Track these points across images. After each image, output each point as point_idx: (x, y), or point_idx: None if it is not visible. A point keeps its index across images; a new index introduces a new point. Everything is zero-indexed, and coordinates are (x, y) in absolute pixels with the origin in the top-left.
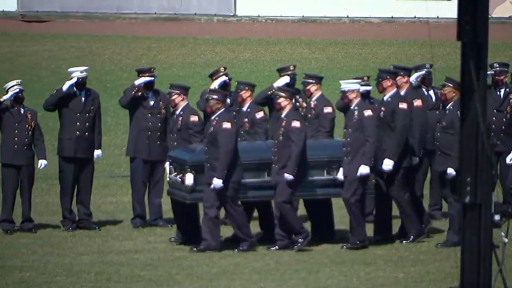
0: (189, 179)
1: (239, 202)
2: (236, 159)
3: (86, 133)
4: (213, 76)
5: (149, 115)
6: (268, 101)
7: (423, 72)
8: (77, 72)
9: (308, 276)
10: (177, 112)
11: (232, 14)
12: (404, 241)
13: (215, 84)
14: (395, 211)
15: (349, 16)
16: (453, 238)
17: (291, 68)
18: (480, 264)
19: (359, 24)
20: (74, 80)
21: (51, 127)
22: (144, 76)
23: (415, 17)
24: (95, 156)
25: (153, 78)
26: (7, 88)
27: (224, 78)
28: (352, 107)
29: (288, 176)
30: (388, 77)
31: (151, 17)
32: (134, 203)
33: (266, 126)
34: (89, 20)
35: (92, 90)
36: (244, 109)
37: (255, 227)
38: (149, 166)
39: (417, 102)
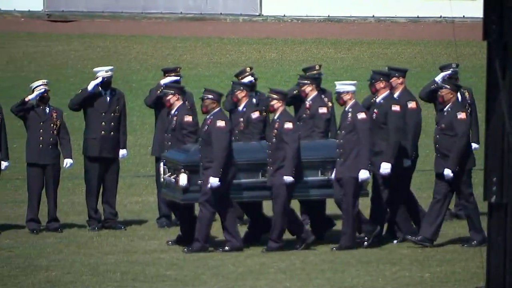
0: (183, 179)
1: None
2: (230, 159)
3: (111, 132)
4: (239, 75)
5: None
6: (294, 100)
7: (449, 71)
8: (102, 72)
9: (334, 276)
10: (172, 112)
11: (258, 14)
12: (395, 241)
13: None
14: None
15: (375, 15)
16: (477, 237)
17: (317, 67)
18: (506, 264)
19: (385, 23)
20: (99, 79)
21: (77, 127)
22: (170, 76)
23: (441, 16)
24: (120, 155)
25: (178, 77)
26: (32, 88)
27: (250, 78)
28: (346, 109)
29: (288, 178)
30: (381, 78)
31: (177, 17)
32: (159, 202)
33: (261, 127)
34: (115, 20)
35: (117, 89)
36: (240, 109)
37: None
38: None
39: (412, 104)
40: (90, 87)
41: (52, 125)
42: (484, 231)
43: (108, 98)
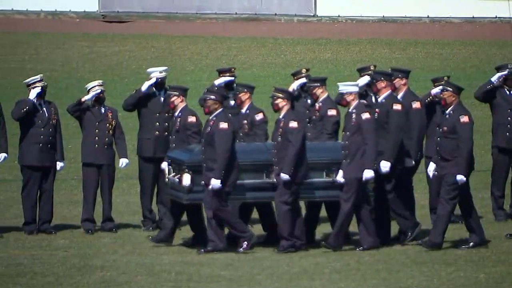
0: (187, 179)
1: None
2: (233, 160)
3: (165, 133)
4: (295, 75)
5: (229, 114)
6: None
7: (505, 72)
8: (156, 72)
9: (389, 276)
10: (176, 114)
11: (312, 15)
12: (404, 240)
13: (294, 85)
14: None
15: (429, 16)
16: (475, 238)
17: (372, 68)
18: None
19: (440, 24)
20: (153, 80)
21: (131, 127)
22: (225, 76)
23: (496, 16)
24: None
25: (233, 78)
26: (88, 89)
27: (303, 80)
28: (350, 110)
29: (284, 176)
30: (382, 78)
31: (231, 17)
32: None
33: (265, 128)
34: (170, 21)
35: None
36: (243, 111)
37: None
38: None
39: (416, 105)
40: (144, 87)
41: (107, 125)
42: (483, 233)
43: (162, 99)
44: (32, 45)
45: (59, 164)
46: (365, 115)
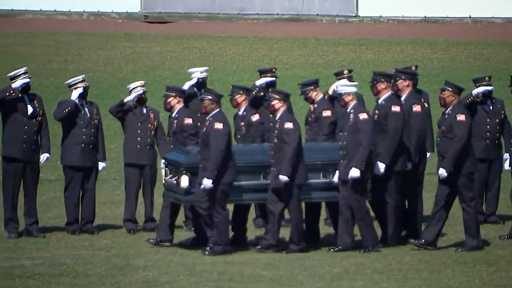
0: (184, 181)
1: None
2: (228, 161)
3: None
4: (338, 75)
5: (271, 115)
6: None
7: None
8: (197, 73)
9: (430, 277)
10: (173, 115)
11: (354, 15)
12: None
13: (334, 86)
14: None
15: (471, 16)
16: (471, 242)
17: (413, 68)
18: None
19: (482, 24)
20: (194, 80)
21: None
22: (266, 77)
23: None
24: None
25: (274, 78)
26: (130, 89)
27: (346, 81)
28: (348, 110)
29: (283, 178)
30: (382, 80)
31: (273, 18)
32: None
33: (262, 129)
34: (212, 21)
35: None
36: (240, 112)
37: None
38: None
39: (416, 108)
40: (185, 87)
41: (149, 125)
42: (480, 238)
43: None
44: (74, 46)
45: (101, 164)
46: (363, 115)
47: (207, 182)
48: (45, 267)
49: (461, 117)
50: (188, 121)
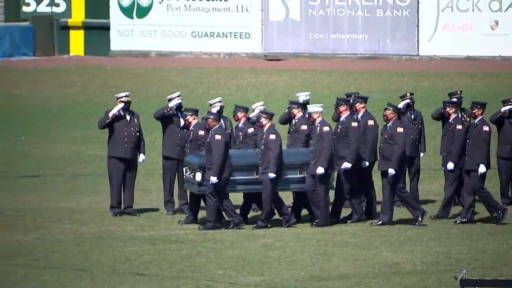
0: (198, 176)
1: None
2: (225, 162)
3: None
4: (402, 97)
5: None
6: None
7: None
8: (303, 96)
9: (471, 243)
10: (190, 128)
11: (416, 54)
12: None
13: (401, 104)
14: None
15: (501, 55)
16: (384, 218)
17: (458, 92)
18: None
19: (509, 61)
20: (301, 100)
21: None
22: (350, 98)
23: None
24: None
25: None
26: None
27: (408, 101)
28: (316, 124)
29: (271, 175)
30: (343, 103)
31: (357, 56)
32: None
33: (255, 139)
34: (313, 59)
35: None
36: (240, 125)
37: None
38: None
39: (370, 122)
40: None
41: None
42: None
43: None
44: (214, 76)
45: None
46: (326, 128)
47: (213, 179)
48: (193, 235)
49: (400, 130)
50: (201, 132)
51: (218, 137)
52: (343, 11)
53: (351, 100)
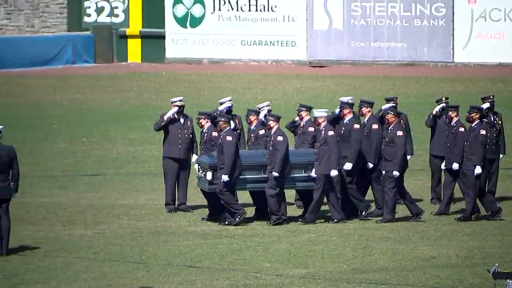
0: (209, 175)
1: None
2: (236, 161)
3: None
4: (438, 101)
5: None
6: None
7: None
8: (346, 98)
9: (503, 238)
10: (204, 131)
11: (451, 61)
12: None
13: (437, 108)
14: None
15: None
16: (388, 216)
17: (491, 97)
18: None
19: None
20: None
21: None
22: (389, 103)
23: None
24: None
25: (395, 104)
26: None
27: (443, 104)
28: (320, 128)
29: (274, 173)
30: (347, 106)
31: (396, 63)
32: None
33: (266, 140)
34: (354, 66)
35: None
36: (252, 127)
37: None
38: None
39: (375, 126)
40: (336, 111)
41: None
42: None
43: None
44: (262, 82)
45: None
46: (330, 132)
47: (224, 177)
48: (242, 230)
49: (400, 133)
50: (215, 134)
51: (229, 138)
52: (383, 20)
53: (359, 104)
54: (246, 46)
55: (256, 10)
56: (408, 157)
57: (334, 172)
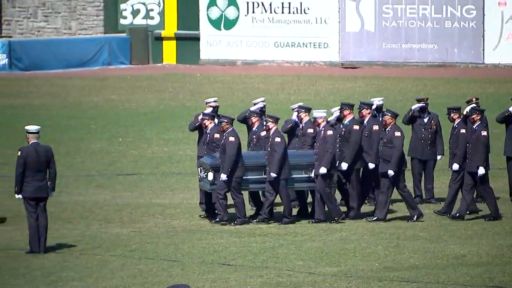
0: (210, 176)
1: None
2: (239, 162)
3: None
4: (468, 102)
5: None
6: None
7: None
8: (377, 101)
9: None
10: (207, 131)
11: (481, 62)
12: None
13: (467, 108)
14: None
15: None
16: (379, 214)
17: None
18: None
19: None
20: (375, 104)
21: None
22: (420, 103)
23: None
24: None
25: (425, 105)
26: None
27: (474, 105)
28: (320, 128)
29: (272, 174)
30: (347, 107)
31: (427, 64)
32: (414, 186)
33: (267, 141)
34: (385, 67)
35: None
36: (254, 129)
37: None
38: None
39: (375, 127)
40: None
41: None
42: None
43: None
44: (295, 83)
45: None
46: (329, 132)
47: (223, 177)
48: (275, 229)
49: (398, 134)
50: (217, 135)
51: (231, 139)
52: (414, 22)
53: (358, 106)
54: (279, 48)
55: (289, 12)
56: (439, 157)
57: (322, 170)
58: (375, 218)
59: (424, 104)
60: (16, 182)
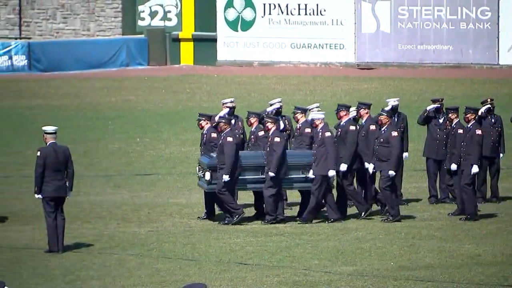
0: (208, 175)
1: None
2: (236, 162)
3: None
4: (483, 102)
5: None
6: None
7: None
8: (392, 101)
9: None
10: (204, 132)
11: (496, 63)
12: (358, 217)
13: (482, 109)
14: None
15: None
16: (392, 211)
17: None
18: None
19: None
20: (390, 105)
21: None
22: (435, 103)
23: None
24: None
25: (440, 105)
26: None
27: (489, 106)
28: (318, 130)
29: (271, 173)
30: (343, 109)
31: (442, 65)
32: (429, 186)
33: (265, 141)
34: (401, 68)
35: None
36: (252, 129)
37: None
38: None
39: (372, 127)
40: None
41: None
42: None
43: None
44: (311, 84)
45: None
46: (328, 134)
47: (225, 177)
48: (291, 229)
49: (394, 133)
50: (214, 135)
51: (229, 139)
52: (430, 24)
53: (356, 107)
54: (296, 49)
55: (306, 14)
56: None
57: (331, 173)
58: (389, 218)
59: (439, 105)
60: (36, 182)
